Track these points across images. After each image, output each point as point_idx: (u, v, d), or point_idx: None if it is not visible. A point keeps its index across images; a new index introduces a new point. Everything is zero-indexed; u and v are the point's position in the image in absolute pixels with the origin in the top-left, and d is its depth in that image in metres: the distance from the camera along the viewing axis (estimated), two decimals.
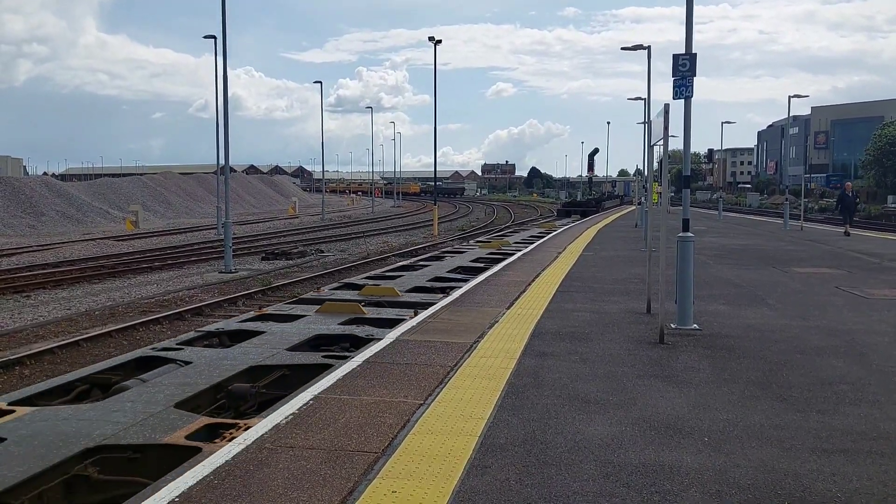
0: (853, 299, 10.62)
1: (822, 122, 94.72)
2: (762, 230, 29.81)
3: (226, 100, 23.27)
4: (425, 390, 5.67)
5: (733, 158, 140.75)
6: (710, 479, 4.00)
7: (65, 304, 15.84)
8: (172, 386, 6.44)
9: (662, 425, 4.91)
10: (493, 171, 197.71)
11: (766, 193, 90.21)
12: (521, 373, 6.25)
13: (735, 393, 5.72)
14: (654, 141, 8.59)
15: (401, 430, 4.75)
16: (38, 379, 9.52)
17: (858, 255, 17.68)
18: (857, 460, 4.31)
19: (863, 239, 23.98)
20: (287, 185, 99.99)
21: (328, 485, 3.87)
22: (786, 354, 7.07)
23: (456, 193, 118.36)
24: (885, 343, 7.62)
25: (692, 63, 8.52)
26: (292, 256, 25.27)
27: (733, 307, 9.87)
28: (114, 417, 5.52)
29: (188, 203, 61.32)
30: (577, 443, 4.56)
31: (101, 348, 11.53)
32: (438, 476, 4.00)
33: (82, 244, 29.92)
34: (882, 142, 69.05)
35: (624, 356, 6.96)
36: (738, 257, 17.24)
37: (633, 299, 10.41)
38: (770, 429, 4.86)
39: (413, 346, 7.25)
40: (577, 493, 3.80)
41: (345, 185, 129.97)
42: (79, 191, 51.95)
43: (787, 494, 3.81)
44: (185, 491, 3.77)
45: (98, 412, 5.70)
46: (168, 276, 20.72)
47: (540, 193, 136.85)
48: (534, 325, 8.43)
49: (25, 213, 41.10)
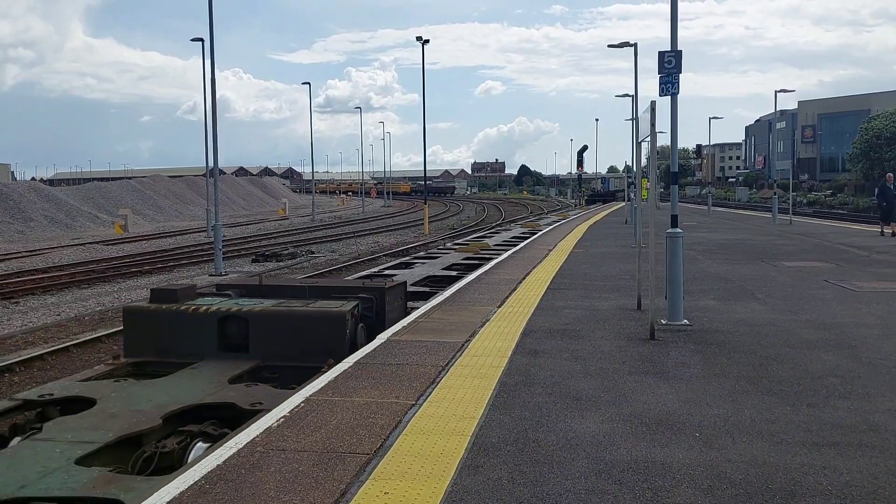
0: (842, 292, 10.67)
1: (809, 116, 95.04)
2: (751, 224, 29.94)
3: (214, 102, 23.20)
4: (417, 390, 5.67)
5: (722, 153, 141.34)
6: (702, 475, 4.01)
7: (54, 310, 15.75)
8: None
9: (654, 421, 4.92)
10: (483, 169, 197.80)
11: (754, 188, 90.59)
12: (512, 371, 6.25)
13: (726, 388, 5.74)
14: (641, 137, 8.62)
15: (393, 430, 4.74)
16: (28, 385, 9.47)
17: (847, 249, 17.78)
18: (847, 453, 4.33)
19: (851, 232, 24.13)
20: (277, 186, 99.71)
21: (320, 487, 3.86)
22: (776, 349, 7.10)
23: (446, 192, 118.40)
24: (874, 336, 7.66)
25: (678, 60, 8.55)
26: (283, 258, 25.21)
27: (723, 302, 9.91)
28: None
29: (178, 206, 61.06)
30: (568, 440, 4.56)
31: (91, 354, 11.47)
32: (431, 476, 4.00)
33: (71, 249, 29.76)
34: (869, 135, 69.37)
35: (615, 353, 6.97)
36: (727, 252, 17.31)
37: (624, 296, 10.44)
38: (761, 423, 4.88)
39: (404, 345, 7.25)
40: (569, 491, 3.81)
41: (335, 185, 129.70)
42: (67, 195, 51.65)
43: (778, 489, 3.83)
44: (176, 496, 3.75)
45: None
46: (158, 280, 20.64)
47: (530, 191, 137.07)
48: (525, 322, 8.44)
49: (14, 219, 40.81)
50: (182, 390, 6.53)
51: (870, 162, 69.10)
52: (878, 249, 17.42)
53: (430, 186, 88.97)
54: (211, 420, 5.98)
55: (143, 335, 7.86)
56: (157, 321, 7.85)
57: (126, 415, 5.87)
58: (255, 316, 7.64)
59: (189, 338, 7.69)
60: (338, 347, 7.36)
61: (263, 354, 7.53)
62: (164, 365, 7.47)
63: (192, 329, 7.71)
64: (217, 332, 7.67)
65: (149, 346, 7.78)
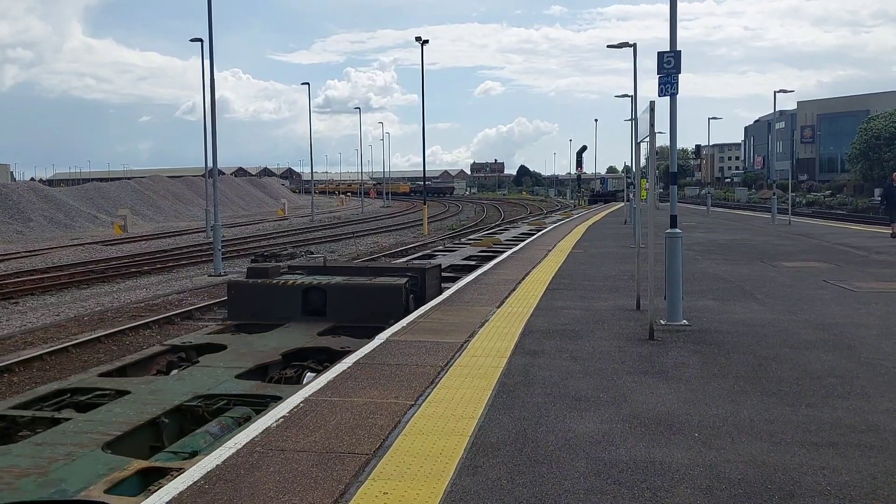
0: (841, 293, 10.68)
1: (808, 116, 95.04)
2: (750, 225, 29.95)
3: (213, 102, 23.20)
4: (416, 391, 5.67)
5: (721, 154, 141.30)
6: (701, 475, 4.01)
7: (53, 310, 15.75)
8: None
9: (653, 421, 4.93)
10: (483, 169, 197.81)
11: (754, 188, 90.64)
12: (511, 371, 6.26)
13: (725, 388, 5.74)
14: (640, 138, 8.62)
15: (392, 431, 4.75)
16: (27, 386, 9.47)
17: (846, 249, 17.79)
18: (846, 453, 4.33)
19: (850, 232, 24.14)
20: (276, 186, 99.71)
21: (319, 487, 3.86)
22: (775, 349, 7.11)
23: (445, 193, 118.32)
24: (872, 336, 7.67)
25: (677, 60, 8.56)
26: (282, 258, 25.05)
27: (722, 302, 9.91)
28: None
29: (177, 206, 61.06)
30: (567, 441, 4.57)
31: (90, 354, 11.47)
32: (430, 476, 4.00)
33: (71, 249, 29.75)
34: (867, 135, 69.39)
35: (614, 353, 6.97)
36: (726, 252, 17.32)
37: (623, 296, 10.44)
38: (760, 423, 4.89)
39: (404, 346, 7.25)
40: (568, 492, 3.81)
41: (334, 185, 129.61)
42: (67, 196, 51.65)
43: (777, 489, 3.83)
44: (175, 496, 3.75)
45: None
46: (157, 281, 20.64)
47: (529, 191, 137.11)
48: (524, 323, 8.44)
49: (13, 219, 40.81)
50: (286, 340, 8.68)
51: (869, 162, 69.14)
52: (877, 250, 17.43)
53: (429, 187, 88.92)
54: (311, 359, 8.02)
55: (243, 303, 10.17)
56: (254, 292, 10.14)
57: (253, 354, 8.02)
58: (331, 287, 9.92)
59: (279, 305, 9.90)
60: (396, 311, 9.39)
61: (338, 317, 9.60)
62: (259, 326, 9.52)
63: (282, 298, 9.93)
64: (301, 300, 9.87)
65: (247, 311, 10.08)
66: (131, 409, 6.10)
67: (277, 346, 8.27)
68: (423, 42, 37.99)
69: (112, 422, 5.77)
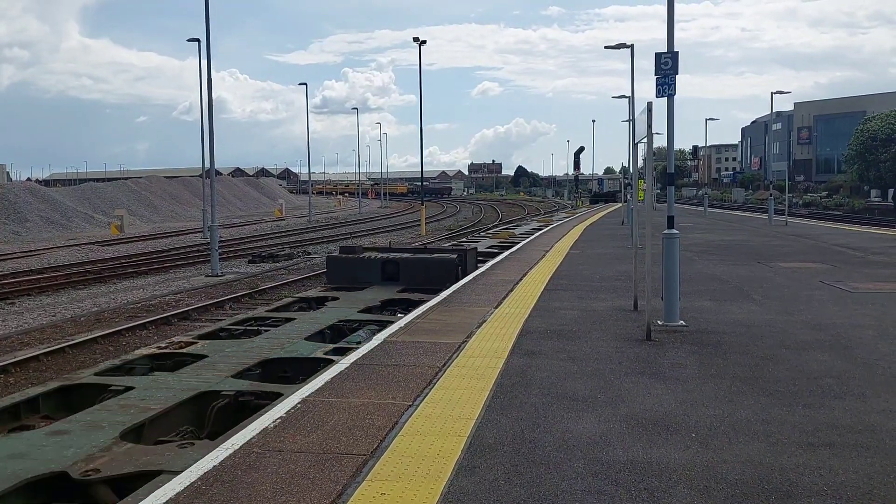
0: (837, 293, 10.70)
1: (805, 117, 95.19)
2: (747, 226, 29.99)
3: (210, 103, 23.16)
4: (414, 391, 5.67)
5: (718, 154, 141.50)
6: (698, 475, 4.02)
7: (50, 311, 15.72)
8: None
9: (650, 422, 4.93)
10: (480, 170, 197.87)
11: (751, 189, 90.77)
12: (509, 372, 6.26)
13: (722, 388, 5.75)
14: (638, 139, 8.63)
15: (389, 431, 4.75)
16: (23, 386, 9.44)
17: (842, 250, 17.83)
18: (842, 454, 4.34)
19: (847, 233, 24.18)
20: (273, 187, 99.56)
21: (317, 488, 3.86)
22: (771, 349, 7.12)
23: (443, 193, 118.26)
24: (869, 336, 7.69)
25: (674, 62, 8.57)
26: (279, 259, 25.19)
27: (719, 303, 9.93)
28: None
29: (174, 207, 60.99)
30: (565, 441, 4.57)
31: (87, 354, 11.45)
32: (427, 477, 4.00)
33: (67, 250, 29.69)
34: (864, 136, 69.50)
35: (611, 354, 6.98)
36: (723, 253, 17.34)
37: (620, 297, 10.45)
38: (757, 424, 4.89)
39: (401, 346, 7.25)
40: (565, 492, 3.81)
41: (332, 186, 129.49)
42: (63, 196, 51.55)
43: (773, 489, 3.84)
44: (172, 497, 3.75)
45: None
46: (154, 281, 20.62)
47: (527, 192, 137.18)
48: (522, 323, 8.45)
49: (9, 220, 40.72)
50: (378, 294, 12.31)
51: (865, 163, 69.25)
52: (874, 251, 17.47)
53: (426, 187, 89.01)
54: (398, 306, 11.58)
55: (338, 272, 13.98)
56: (345, 264, 14.05)
57: (360, 301, 11.67)
58: (403, 260, 13.68)
59: (364, 273, 13.58)
60: (450, 278, 12.85)
61: (408, 282, 13.15)
62: (349, 289, 12.96)
63: (366, 268, 13.66)
64: (380, 270, 13.55)
65: (340, 277, 13.82)
66: (306, 325, 9.79)
67: (375, 297, 11.96)
68: (420, 42, 38.01)
69: (302, 329, 9.53)
